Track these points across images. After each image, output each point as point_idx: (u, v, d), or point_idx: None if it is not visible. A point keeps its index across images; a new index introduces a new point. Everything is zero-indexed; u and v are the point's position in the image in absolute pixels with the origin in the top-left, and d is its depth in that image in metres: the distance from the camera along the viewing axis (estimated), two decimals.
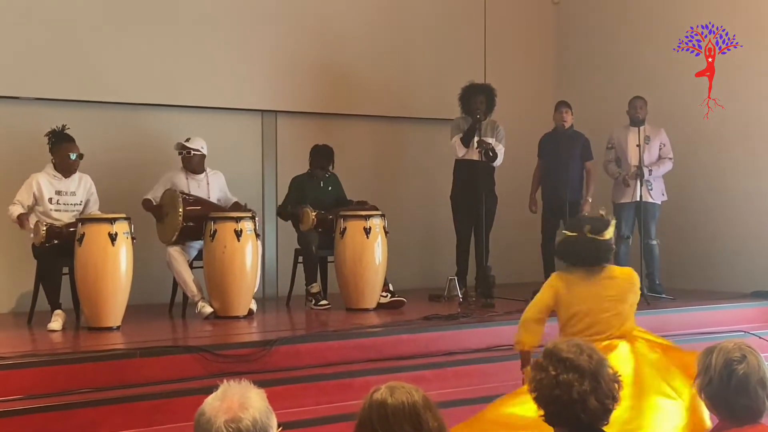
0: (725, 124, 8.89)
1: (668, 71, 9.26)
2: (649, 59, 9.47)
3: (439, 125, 9.12)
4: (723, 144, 8.92)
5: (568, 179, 8.31)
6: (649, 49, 9.50)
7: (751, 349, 3.15)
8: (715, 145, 8.95)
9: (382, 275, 7.62)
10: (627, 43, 9.69)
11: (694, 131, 8.98)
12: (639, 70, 9.49)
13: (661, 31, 9.42)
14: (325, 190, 8.07)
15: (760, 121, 8.67)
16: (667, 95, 9.04)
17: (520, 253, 9.36)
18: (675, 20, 9.30)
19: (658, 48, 9.41)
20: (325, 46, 9.12)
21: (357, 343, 6.39)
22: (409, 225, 9.22)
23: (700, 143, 8.96)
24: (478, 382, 6.27)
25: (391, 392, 2.53)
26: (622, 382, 2.89)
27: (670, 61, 9.28)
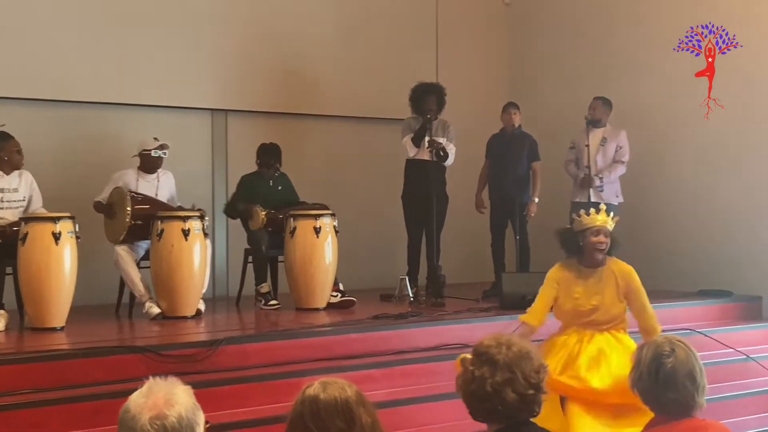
0: (679, 127, 8.97)
1: (624, 71, 9.34)
2: (600, 59, 9.54)
3: (390, 125, 9.12)
4: (670, 145, 9.01)
5: (515, 179, 8.36)
6: (599, 49, 9.57)
7: (682, 343, 3.17)
8: (668, 147, 9.03)
9: (332, 275, 7.60)
10: (578, 43, 9.76)
11: (652, 133, 9.05)
12: (589, 69, 9.56)
13: (613, 31, 9.50)
14: (275, 189, 8.03)
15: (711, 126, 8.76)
16: (620, 96, 9.10)
17: (471, 252, 9.39)
18: (626, 19, 9.39)
19: (609, 48, 9.49)
20: (277, 45, 9.09)
21: (306, 342, 6.37)
22: (361, 225, 9.21)
23: (653, 145, 9.04)
24: (426, 381, 6.28)
25: (323, 388, 2.52)
26: (548, 373, 2.90)
27: (620, 60, 9.37)
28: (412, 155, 8.38)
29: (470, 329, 6.78)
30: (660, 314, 5.92)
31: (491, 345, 2.90)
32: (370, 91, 9.52)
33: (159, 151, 7.46)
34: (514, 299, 7.48)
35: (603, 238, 5.44)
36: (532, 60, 10.23)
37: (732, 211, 8.54)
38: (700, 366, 3.15)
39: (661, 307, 7.84)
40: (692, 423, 3.12)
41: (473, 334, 6.67)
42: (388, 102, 9.34)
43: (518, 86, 10.10)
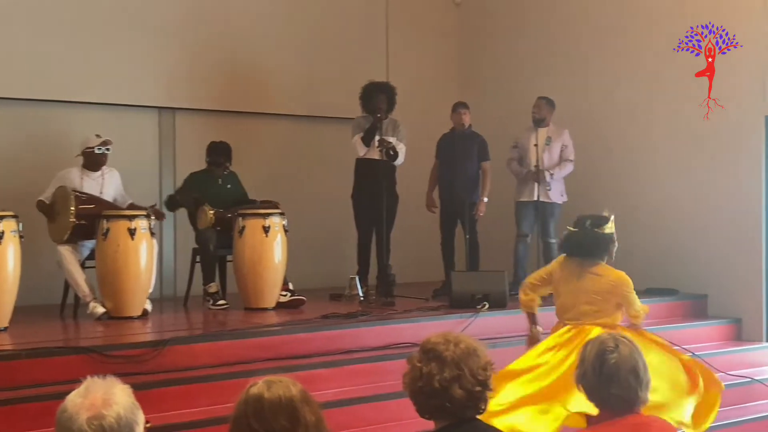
0: (623, 127, 9.06)
1: (568, 71, 9.42)
2: (551, 60, 9.61)
3: (341, 124, 9.09)
4: (616, 144, 9.10)
5: (465, 179, 8.38)
6: (548, 49, 9.63)
7: (626, 339, 3.19)
8: (609, 145, 9.12)
9: (281, 274, 7.56)
10: (528, 43, 9.82)
11: (596, 132, 9.14)
12: (540, 70, 9.63)
13: (564, 32, 9.56)
14: (224, 187, 7.97)
15: (647, 124, 8.87)
16: (565, 96, 9.17)
17: (421, 252, 9.39)
18: (576, 20, 9.46)
19: (559, 49, 9.55)
20: (226, 43, 9.02)
21: (255, 342, 6.33)
22: (311, 224, 9.17)
23: (596, 144, 9.12)
24: (376, 380, 6.28)
25: (267, 387, 2.49)
26: (494, 369, 2.91)
27: (570, 61, 9.44)
28: (362, 154, 8.37)
29: (420, 328, 6.78)
30: None
31: (439, 342, 2.91)
32: (320, 90, 9.49)
33: (102, 148, 7.36)
34: (463, 298, 7.51)
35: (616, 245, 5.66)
36: (482, 60, 10.27)
37: (678, 210, 8.64)
38: (643, 362, 3.16)
39: None
40: (636, 419, 3.14)
41: (423, 333, 6.58)
42: (338, 101, 9.32)
43: (468, 86, 10.12)
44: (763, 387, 7.25)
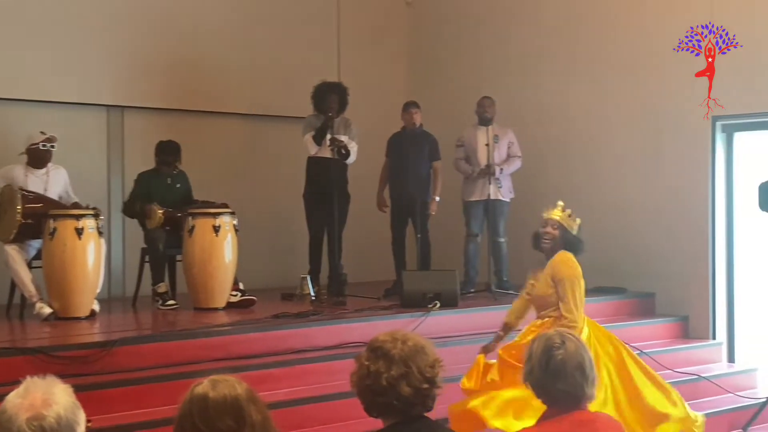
0: (568, 125, 9.14)
1: (516, 72, 9.48)
2: (499, 60, 9.66)
3: (292, 123, 9.06)
4: (566, 143, 9.17)
5: (416, 178, 8.39)
6: (499, 50, 9.69)
7: (573, 336, 3.21)
8: (559, 144, 9.19)
9: (231, 274, 7.51)
10: (478, 43, 9.86)
11: (542, 131, 9.21)
12: (489, 70, 9.68)
13: (511, 32, 9.62)
14: (173, 187, 7.90)
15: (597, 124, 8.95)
16: (514, 95, 9.24)
17: (373, 251, 9.38)
18: (526, 20, 9.52)
19: (507, 49, 9.61)
20: (176, 41, 8.95)
21: (204, 342, 6.29)
22: (262, 223, 9.13)
23: (546, 142, 9.19)
24: (327, 379, 6.27)
25: (213, 386, 2.47)
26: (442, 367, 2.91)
27: (518, 61, 9.51)
28: (314, 153, 8.35)
29: (371, 327, 6.75)
30: None
31: (387, 340, 2.91)
32: (271, 89, 9.44)
33: (47, 144, 7.25)
34: (414, 297, 7.52)
35: (550, 229, 5.69)
36: (433, 60, 10.29)
37: (625, 210, 8.73)
38: (589, 358, 3.19)
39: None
40: (582, 415, 3.16)
41: (374, 332, 6.57)
42: (289, 100, 9.28)
43: (419, 85, 10.15)
44: (710, 384, 7.34)
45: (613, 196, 8.81)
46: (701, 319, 8.26)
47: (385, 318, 7.13)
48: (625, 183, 8.76)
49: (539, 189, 9.03)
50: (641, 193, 8.65)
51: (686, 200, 8.35)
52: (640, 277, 8.51)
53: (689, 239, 8.32)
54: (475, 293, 8.39)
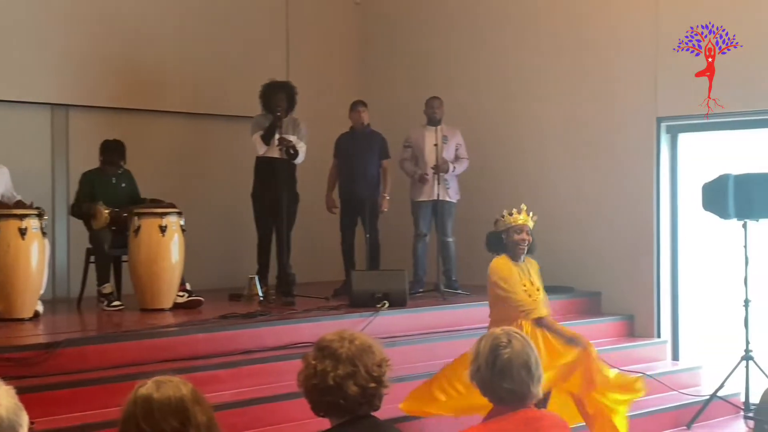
0: (513, 127, 9.20)
1: (465, 72, 9.52)
2: (447, 60, 9.70)
3: (241, 122, 9.00)
4: (512, 145, 9.23)
5: (366, 178, 8.39)
6: (446, 50, 9.72)
7: (519, 334, 3.23)
8: (505, 145, 9.25)
9: (178, 274, 7.44)
10: (426, 43, 9.88)
11: (489, 132, 9.26)
12: (437, 70, 9.70)
13: (460, 32, 9.66)
14: (118, 186, 7.80)
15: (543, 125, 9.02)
16: (463, 96, 9.28)
17: (321, 251, 9.37)
18: (474, 21, 9.57)
19: (456, 49, 9.65)
20: (122, 40, 8.83)
21: (150, 343, 6.23)
22: (210, 223, 9.06)
23: (494, 144, 9.24)
24: (275, 380, 6.24)
25: (157, 387, 2.44)
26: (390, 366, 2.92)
27: (467, 61, 9.55)
28: (262, 153, 8.31)
29: (320, 327, 6.74)
30: None
31: (334, 339, 2.90)
32: (219, 88, 9.37)
33: None
34: (363, 297, 7.52)
35: (526, 235, 5.90)
36: (382, 59, 10.30)
37: (572, 210, 8.81)
38: (536, 356, 3.20)
39: None
40: (527, 413, 3.18)
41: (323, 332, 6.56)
42: (238, 99, 9.22)
43: (369, 85, 10.13)
44: (655, 382, 7.43)
45: (559, 198, 8.88)
46: (646, 317, 8.37)
47: (333, 318, 7.12)
48: (571, 184, 8.83)
49: (486, 190, 9.09)
50: (587, 194, 8.73)
51: (632, 201, 8.45)
52: (586, 276, 8.59)
53: (635, 239, 8.42)
54: (424, 293, 8.41)
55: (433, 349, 7.21)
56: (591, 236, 8.66)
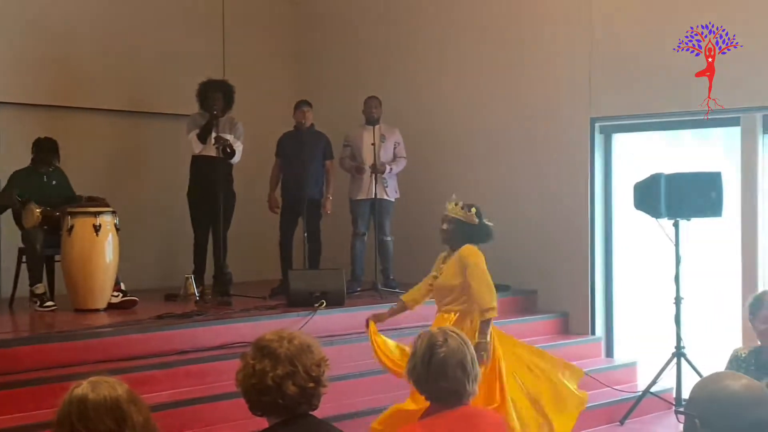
0: (450, 126, 9.26)
1: (404, 71, 9.55)
2: (384, 60, 9.72)
3: (176, 121, 8.92)
4: (449, 144, 9.28)
5: (309, 178, 8.35)
6: (384, 50, 9.75)
7: (456, 333, 3.25)
8: (442, 145, 9.30)
9: (113, 274, 7.35)
10: (364, 43, 9.90)
11: (427, 131, 9.31)
12: (375, 69, 9.72)
13: (398, 32, 9.69)
14: (50, 185, 7.68)
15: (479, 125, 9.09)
16: (401, 95, 9.31)
17: (259, 250, 9.32)
18: (412, 20, 9.60)
19: (394, 48, 9.68)
20: (54, 37, 8.69)
21: (84, 344, 6.17)
22: (145, 222, 8.96)
23: (432, 143, 9.29)
24: (212, 380, 6.22)
25: (92, 387, 2.42)
26: (328, 366, 2.92)
27: (405, 61, 9.58)
28: (198, 152, 8.24)
29: (257, 327, 6.72)
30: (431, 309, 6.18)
31: (273, 339, 2.90)
32: (155, 86, 9.27)
33: None
34: (301, 296, 7.51)
35: (444, 225, 5.76)
36: (321, 59, 10.28)
37: (508, 209, 8.84)
38: (472, 355, 3.23)
39: None
40: (464, 410, 3.21)
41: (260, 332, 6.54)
42: (174, 97, 9.13)
43: (308, 85, 10.10)
44: (589, 379, 7.52)
45: (495, 197, 8.91)
46: (581, 315, 8.48)
47: (271, 317, 7.10)
48: (507, 183, 8.91)
49: (424, 189, 9.13)
50: (523, 193, 8.82)
51: (566, 200, 8.55)
52: (522, 274, 8.67)
53: (569, 238, 8.52)
54: (362, 292, 8.42)
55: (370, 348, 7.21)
56: (526, 234, 8.74)
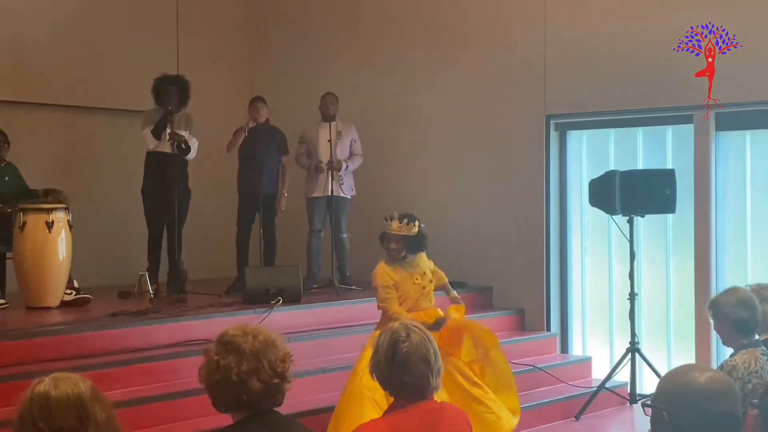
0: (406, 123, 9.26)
1: (360, 68, 9.53)
2: (343, 55, 9.69)
3: (131, 116, 8.81)
4: (404, 141, 9.28)
5: (265, 174, 8.30)
6: (340, 47, 9.72)
7: (419, 328, 3.25)
8: (398, 142, 9.30)
9: (66, 272, 7.24)
10: (320, 39, 9.85)
11: (383, 128, 9.30)
12: (332, 66, 9.69)
13: (354, 27, 9.67)
14: (1, 180, 7.54)
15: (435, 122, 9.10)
16: (358, 92, 9.29)
17: (214, 247, 9.24)
18: (368, 17, 9.59)
19: (349, 44, 9.66)
20: (3, 30, 8.52)
21: (37, 342, 6.09)
22: (99, 219, 8.83)
23: (388, 140, 9.29)
24: (168, 378, 6.17)
25: (54, 384, 2.37)
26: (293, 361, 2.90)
27: (361, 58, 9.56)
28: (152, 148, 8.15)
29: (213, 324, 6.69)
30: None
31: (237, 334, 2.87)
32: (108, 81, 9.14)
33: None
34: (257, 293, 7.46)
35: (395, 245, 6.10)
36: (274, 54, 10.22)
37: (464, 206, 8.90)
38: (435, 349, 3.24)
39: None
40: (428, 405, 3.21)
41: (216, 329, 6.49)
42: (128, 93, 9.02)
43: (263, 81, 10.03)
44: (545, 374, 7.60)
45: (451, 194, 8.98)
46: (536, 311, 8.52)
47: (227, 315, 7.03)
48: (463, 181, 8.93)
49: (380, 186, 9.13)
50: (479, 191, 8.84)
51: (522, 196, 8.59)
52: (478, 271, 8.69)
53: (525, 235, 8.56)
54: (318, 289, 8.39)
55: (327, 345, 7.22)
56: (482, 231, 8.77)
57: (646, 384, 7.69)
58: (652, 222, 7.89)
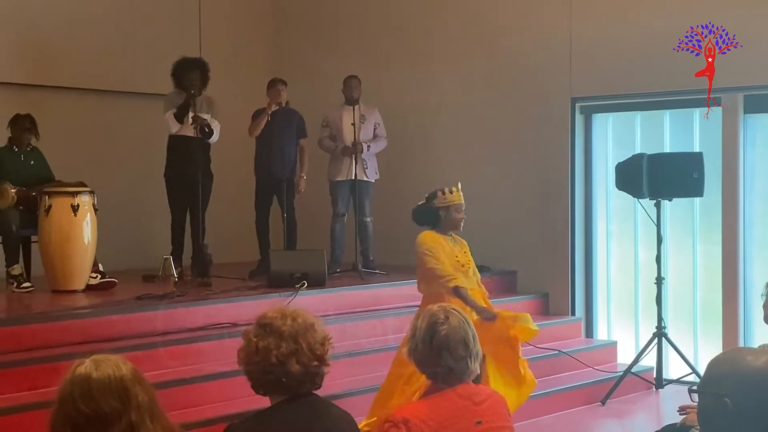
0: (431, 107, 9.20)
1: (383, 51, 9.47)
2: (365, 39, 9.63)
3: (153, 100, 8.78)
4: (429, 125, 9.23)
5: (283, 157, 8.29)
6: (365, 28, 9.66)
7: (457, 311, 3.22)
8: (423, 125, 9.25)
9: (91, 255, 7.25)
10: (344, 22, 9.80)
11: (407, 112, 9.24)
12: (355, 48, 9.63)
13: (378, 10, 9.61)
14: (27, 164, 7.53)
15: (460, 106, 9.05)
16: (381, 75, 9.24)
17: (237, 231, 9.22)
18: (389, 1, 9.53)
19: (373, 27, 9.60)
20: (28, 14, 8.51)
21: (63, 325, 6.09)
22: (122, 203, 8.83)
23: (412, 124, 9.24)
24: (194, 361, 6.16)
25: (96, 366, 2.35)
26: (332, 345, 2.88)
27: (385, 40, 9.50)
28: (175, 131, 8.13)
29: (238, 308, 6.69)
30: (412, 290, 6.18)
31: (276, 317, 2.85)
32: (130, 65, 9.12)
33: None
34: (282, 277, 7.45)
35: (464, 214, 6.08)
36: (297, 36, 10.18)
37: (488, 190, 8.83)
38: (473, 332, 3.20)
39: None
40: (466, 389, 3.18)
41: (241, 312, 6.60)
42: (150, 76, 9.00)
43: (285, 63, 9.99)
44: (570, 359, 7.55)
45: (475, 177, 8.88)
46: (561, 296, 8.48)
47: (252, 298, 7.03)
48: (488, 164, 8.87)
49: (403, 170, 9.09)
50: (503, 174, 8.78)
51: (547, 180, 8.53)
52: (502, 255, 8.64)
53: (550, 218, 8.51)
54: (342, 273, 8.37)
55: (351, 329, 7.18)
56: (507, 215, 8.72)
57: (672, 369, 7.63)
58: (679, 206, 7.82)
